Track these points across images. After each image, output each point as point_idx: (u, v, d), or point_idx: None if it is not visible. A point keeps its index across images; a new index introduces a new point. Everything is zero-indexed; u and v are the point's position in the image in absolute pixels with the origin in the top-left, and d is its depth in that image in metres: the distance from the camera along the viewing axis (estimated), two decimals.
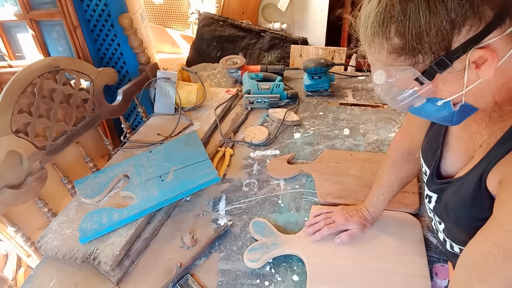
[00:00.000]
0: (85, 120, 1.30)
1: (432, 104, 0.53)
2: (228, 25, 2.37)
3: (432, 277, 0.79)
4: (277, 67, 1.64)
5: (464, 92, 0.49)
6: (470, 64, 0.46)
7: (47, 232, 0.93)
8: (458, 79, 0.48)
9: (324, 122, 1.34)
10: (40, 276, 0.88)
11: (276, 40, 2.41)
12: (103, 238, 0.90)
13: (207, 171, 1.05)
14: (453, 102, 0.51)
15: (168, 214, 1.02)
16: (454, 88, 0.49)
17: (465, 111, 0.53)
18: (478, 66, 0.46)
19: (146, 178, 1.05)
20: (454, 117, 0.53)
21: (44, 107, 1.13)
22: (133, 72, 1.67)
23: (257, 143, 1.25)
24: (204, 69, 1.86)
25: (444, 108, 0.52)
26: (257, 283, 0.81)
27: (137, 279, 0.86)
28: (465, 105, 0.52)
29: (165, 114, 1.43)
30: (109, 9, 1.52)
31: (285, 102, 1.48)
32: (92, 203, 1.02)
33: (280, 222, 0.96)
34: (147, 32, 1.80)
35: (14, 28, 1.63)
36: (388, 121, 1.30)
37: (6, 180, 1.01)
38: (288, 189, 1.06)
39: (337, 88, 1.55)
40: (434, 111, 0.54)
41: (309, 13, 2.42)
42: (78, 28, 1.47)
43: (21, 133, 1.05)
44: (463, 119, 0.54)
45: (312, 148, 1.21)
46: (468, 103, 0.51)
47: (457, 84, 0.49)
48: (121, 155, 1.21)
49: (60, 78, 1.19)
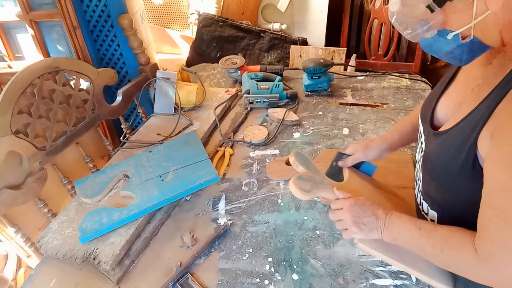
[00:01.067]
0: (85, 121, 1.30)
1: (443, 38, 0.54)
2: (228, 26, 2.37)
3: None
4: (276, 67, 1.64)
5: (473, 24, 0.50)
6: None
7: (47, 232, 0.93)
8: (467, 9, 0.49)
9: (324, 122, 1.34)
10: (41, 275, 0.89)
11: (276, 40, 2.41)
12: (103, 238, 0.90)
13: (206, 170, 1.05)
14: (462, 36, 0.52)
15: (168, 213, 1.02)
16: (464, 19, 0.50)
17: (474, 49, 0.53)
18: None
19: (146, 178, 1.05)
20: (463, 55, 0.54)
21: (44, 107, 1.14)
22: (133, 72, 1.68)
23: (257, 142, 1.25)
24: (203, 69, 1.87)
25: (453, 42, 0.53)
26: (257, 282, 0.82)
27: (137, 278, 0.86)
28: (474, 41, 0.52)
29: (165, 114, 1.43)
30: (108, 9, 1.53)
31: (284, 102, 1.49)
32: (92, 203, 1.02)
33: (280, 221, 0.96)
34: (146, 33, 1.80)
35: (14, 29, 1.63)
36: (387, 120, 1.30)
37: (6, 181, 1.01)
38: (287, 189, 1.06)
39: (336, 88, 1.56)
40: (444, 45, 0.54)
41: (308, 14, 2.42)
42: (78, 29, 1.47)
43: (21, 134, 1.05)
44: (472, 58, 0.55)
45: (312, 148, 1.21)
46: (477, 38, 0.52)
47: (466, 15, 0.50)
48: (121, 155, 1.21)
49: (60, 79, 1.19)
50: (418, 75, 1.76)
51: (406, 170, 1.04)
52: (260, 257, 0.87)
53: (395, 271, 0.81)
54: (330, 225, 0.93)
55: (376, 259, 0.84)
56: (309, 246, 0.89)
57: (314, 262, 0.85)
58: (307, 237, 0.91)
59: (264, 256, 0.88)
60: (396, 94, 1.48)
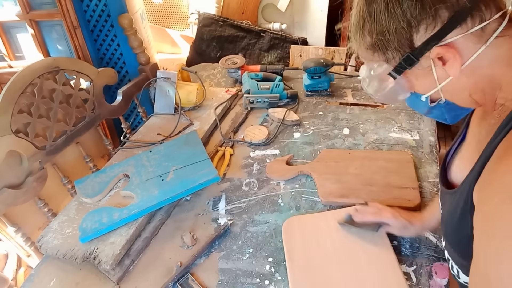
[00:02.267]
0: (85, 120, 1.30)
1: (418, 99, 0.56)
2: (228, 25, 2.37)
3: (432, 275, 0.79)
4: (276, 67, 1.64)
5: (437, 89, 0.51)
6: (436, 61, 0.49)
7: (47, 232, 0.93)
8: (428, 75, 0.51)
9: (324, 122, 1.34)
10: (41, 275, 0.89)
11: (276, 40, 2.41)
12: (103, 238, 0.90)
13: (207, 170, 1.05)
14: (431, 99, 0.54)
15: (168, 213, 1.02)
16: (427, 84, 0.52)
17: (454, 109, 0.54)
18: (445, 63, 0.48)
19: (146, 178, 1.05)
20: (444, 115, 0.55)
21: (44, 107, 1.13)
22: (133, 72, 1.68)
23: (257, 142, 1.25)
24: (204, 69, 1.86)
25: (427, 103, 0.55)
26: (257, 282, 0.82)
27: (138, 278, 0.86)
28: (449, 103, 0.53)
29: (165, 114, 1.43)
30: (109, 9, 1.53)
31: (284, 102, 1.48)
32: (92, 203, 1.02)
33: (280, 221, 0.96)
34: (147, 32, 1.80)
35: (14, 28, 1.63)
36: (388, 120, 1.30)
37: (6, 180, 1.01)
38: (288, 189, 1.06)
39: (336, 88, 1.56)
40: (421, 105, 0.56)
41: (309, 13, 2.42)
42: (78, 28, 1.47)
43: (21, 133, 1.05)
44: (458, 117, 0.56)
45: (312, 148, 1.21)
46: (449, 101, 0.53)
47: (428, 81, 0.51)
48: (121, 155, 1.21)
49: (60, 79, 1.19)
50: None
51: (407, 170, 1.04)
52: (260, 257, 0.87)
53: None
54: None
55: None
56: None
57: None
58: None
59: (264, 256, 0.87)
60: None
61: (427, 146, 1.16)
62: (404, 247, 0.86)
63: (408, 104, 0.60)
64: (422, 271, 0.81)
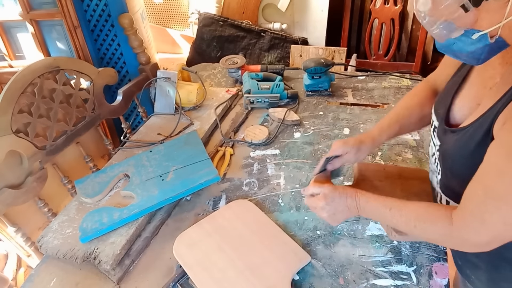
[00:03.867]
0: (85, 120, 1.30)
1: (467, 38, 0.54)
2: (228, 25, 2.37)
3: (432, 275, 0.79)
4: (277, 67, 1.64)
5: (503, 23, 0.50)
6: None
7: (47, 232, 0.93)
8: (501, 8, 0.50)
9: (324, 122, 1.34)
10: (41, 275, 0.88)
11: (276, 40, 2.41)
12: (103, 237, 0.90)
13: (207, 170, 1.05)
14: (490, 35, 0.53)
15: (169, 213, 1.02)
16: (495, 18, 0.51)
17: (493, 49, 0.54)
18: None
19: (146, 178, 1.05)
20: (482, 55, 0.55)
21: (44, 107, 1.13)
22: (133, 72, 1.68)
23: (257, 142, 1.25)
24: (204, 69, 1.86)
25: (478, 42, 0.54)
26: None
27: (138, 278, 0.86)
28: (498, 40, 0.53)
29: (165, 114, 1.43)
30: (109, 9, 1.52)
31: (285, 101, 1.48)
32: (92, 203, 1.02)
33: (280, 221, 0.96)
34: (147, 32, 1.80)
35: (14, 28, 1.63)
36: None
37: (6, 180, 1.01)
38: (288, 189, 1.06)
39: (337, 88, 1.56)
40: (467, 45, 0.55)
41: (309, 13, 2.42)
42: (78, 28, 1.47)
43: (21, 133, 1.05)
44: (488, 58, 0.56)
45: (312, 148, 1.21)
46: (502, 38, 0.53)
47: (498, 14, 0.50)
48: (122, 155, 1.21)
49: (60, 78, 1.19)
50: (419, 75, 1.76)
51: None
52: None
53: (395, 271, 0.81)
54: (331, 225, 0.93)
55: (376, 259, 0.84)
56: (310, 246, 0.89)
57: (315, 262, 0.85)
58: (308, 237, 0.91)
59: None
60: (397, 94, 1.48)
61: (427, 146, 1.16)
62: (404, 247, 0.86)
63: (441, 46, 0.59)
64: (422, 271, 0.81)
